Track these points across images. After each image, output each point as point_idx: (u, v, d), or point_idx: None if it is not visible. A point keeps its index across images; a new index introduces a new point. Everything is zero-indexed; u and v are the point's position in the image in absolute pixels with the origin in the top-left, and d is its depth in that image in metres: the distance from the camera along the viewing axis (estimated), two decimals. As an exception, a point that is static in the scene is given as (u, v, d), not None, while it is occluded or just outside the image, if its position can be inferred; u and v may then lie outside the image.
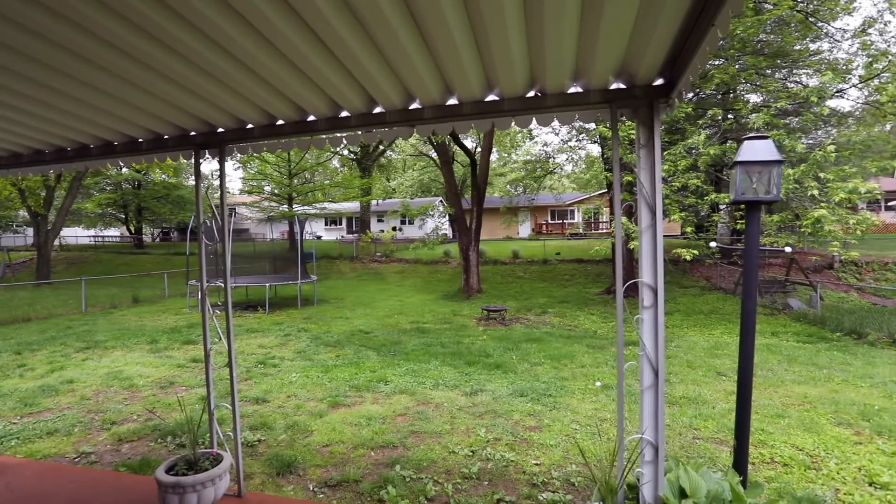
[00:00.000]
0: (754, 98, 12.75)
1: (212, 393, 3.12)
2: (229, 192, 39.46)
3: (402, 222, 36.29)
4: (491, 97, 2.61)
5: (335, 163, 35.04)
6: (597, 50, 2.04)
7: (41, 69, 2.20)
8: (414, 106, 2.70)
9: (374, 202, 34.91)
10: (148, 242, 35.24)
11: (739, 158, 2.72)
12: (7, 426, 4.63)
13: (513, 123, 2.68)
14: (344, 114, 2.82)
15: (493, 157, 19.96)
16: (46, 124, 2.98)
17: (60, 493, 3.19)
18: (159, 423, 4.62)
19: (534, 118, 2.63)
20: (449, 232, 33.46)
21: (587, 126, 14.63)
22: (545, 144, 20.53)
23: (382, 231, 31.38)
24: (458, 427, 4.45)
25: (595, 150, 21.42)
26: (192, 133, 3.11)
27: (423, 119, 2.71)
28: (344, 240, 30.59)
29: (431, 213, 18.34)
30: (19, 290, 17.87)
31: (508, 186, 29.16)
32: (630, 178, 10.77)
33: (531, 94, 2.55)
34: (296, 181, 25.94)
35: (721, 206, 12.92)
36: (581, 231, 31.31)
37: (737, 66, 10.67)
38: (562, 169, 23.94)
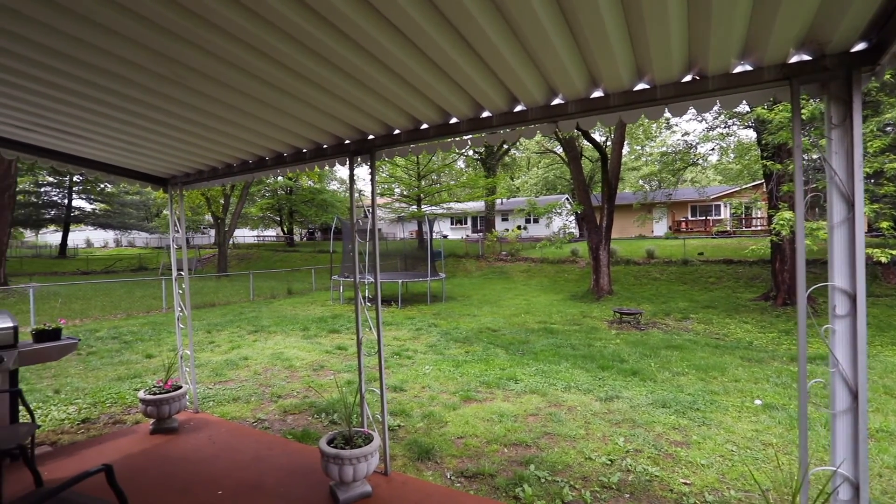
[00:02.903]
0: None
1: (363, 377, 3.42)
2: (364, 195, 43.11)
3: (527, 221, 35.96)
4: (641, 86, 2.44)
5: (460, 163, 36.08)
6: (776, 19, 1.78)
7: (230, 93, 2.64)
8: (556, 101, 2.65)
9: (498, 201, 35.19)
10: (297, 241, 40.11)
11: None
12: (206, 390, 5.65)
13: (666, 112, 2.47)
14: (485, 114, 2.88)
15: (625, 150, 18.67)
16: (235, 142, 3.56)
17: (247, 449, 3.81)
18: (314, 400, 5.23)
19: (691, 105, 2.40)
20: (576, 230, 32.25)
21: (738, 110, 12.90)
22: (685, 134, 18.51)
23: (507, 230, 31.47)
24: (594, 433, 4.26)
25: (747, 135, 18.80)
26: (347, 141, 3.46)
27: (566, 114, 2.64)
28: (469, 238, 31.36)
29: (558, 210, 17.81)
30: (207, 280, 21.68)
31: (641, 181, 27.04)
32: (776, 166, 9.19)
33: (687, 78, 2.32)
34: (423, 182, 27.31)
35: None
36: (729, 228, 27.72)
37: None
38: (705, 160, 21.48)
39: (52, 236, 42.47)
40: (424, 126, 3.08)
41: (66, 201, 35.87)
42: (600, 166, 16.35)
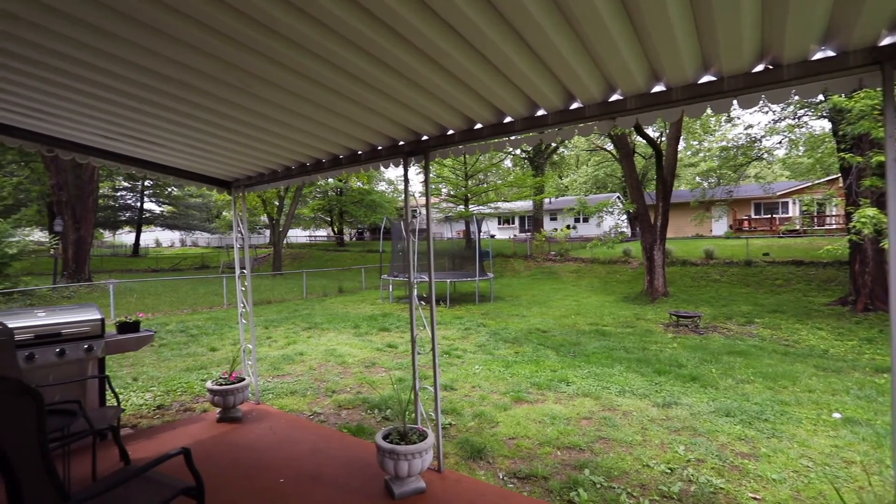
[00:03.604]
0: None
1: (417, 375, 3.47)
2: (413, 196, 43.68)
3: (577, 220, 35.16)
4: (706, 78, 2.33)
5: (507, 163, 35.80)
6: (865, -2, 1.65)
7: (291, 98, 2.75)
8: (615, 97, 2.58)
9: (546, 200, 34.62)
10: (347, 241, 41.25)
11: None
12: (265, 383, 5.93)
13: (735, 104, 2.35)
14: (540, 112, 2.84)
15: (680, 145, 17.79)
16: (294, 145, 3.71)
17: (305, 440, 3.97)
18: (367, 396, 5.36)
19: (763, 95, 2.26)
20: (628, 230, 31.18)
21: (810, 99, 11.97)
22: (748, 127, 17.38)
23: (556, 229, 30.90)
24: (651, 440, 4.10)
25: (820, 126, 17.44)
26: (401, 143, 3.52)
27: (625, 110, 2.56)
28: (517, 238, 31.07)
29: (609, 209, 17.26)
30: (263, 278, 22.72)
31: (699, 178, 25.71)
32: (857, 159, 8.40)
33: (759, 67, 2.19)
34: (470, 182, 27.31)
35: None
36: (799, 227, 25.82)
37: None
38: (771, 154, 20.12)
39: (126, 236, 45.98)
40: (478, 126, 3.09)
41: (138, 204, 38.78)
42: (654, 163, 15.71)
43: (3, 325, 3.25)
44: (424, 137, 3.35)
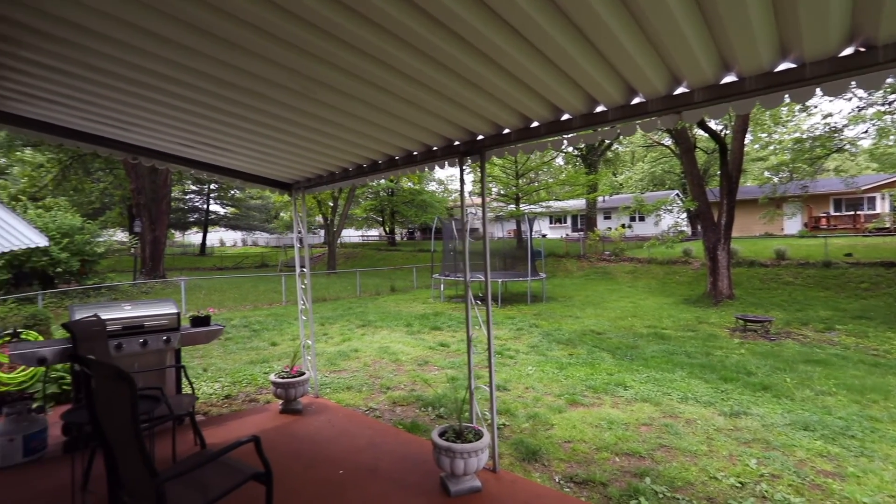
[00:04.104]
0: None
1: (472, 374, 3.48)
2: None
3: (632, 219, 33.88)
4: (784, 65, 2.17)
5: (559, 160, 35.10)
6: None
7: (350, 102, 2.83)
8: (680, 90, 2.46)
9: (600, 199, 33.61)
10: (398, 241, 41.95)
11: None
12: (323, 377, 6.16)
13: (818, 93, 2.17)
14: (600, 109, 2.76)
15: (747, 138, 16.63)
16: (352, 147, 3.82)
17: (362, 435, 4.08)
18: (421, 394, 5.43)
19: (853, 81, 2.08)
20: (688, 229, 29.65)
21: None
22: (827, 116, 15.95)
23: (610, 229, 29.92)
24: (718, 451, 3.88)
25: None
26: (456, 143, 3.53)
27: (691, 104, 2.44)
28: (569, 238, 30.38)
29: (669, 207, 16.46)
30: (318, 277, 23.57)
31: (768, 173, 23.93)
32: None
33: (848, 51, 2.02)
34: (521, 181, 27.01)
35: None
36: (889, 225, 23.46)
37: None
38: (855, 145, 18.41)
39: (194, 237, 49.19)
40: (535, 124, 3.04)
41: (205, 206, 41.42)
42: (718, 158, 14.83)
43: (97, 316, 3.58)
44: (480, 137, 3.35)
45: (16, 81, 2.77)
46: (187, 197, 40.76)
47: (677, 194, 30.28)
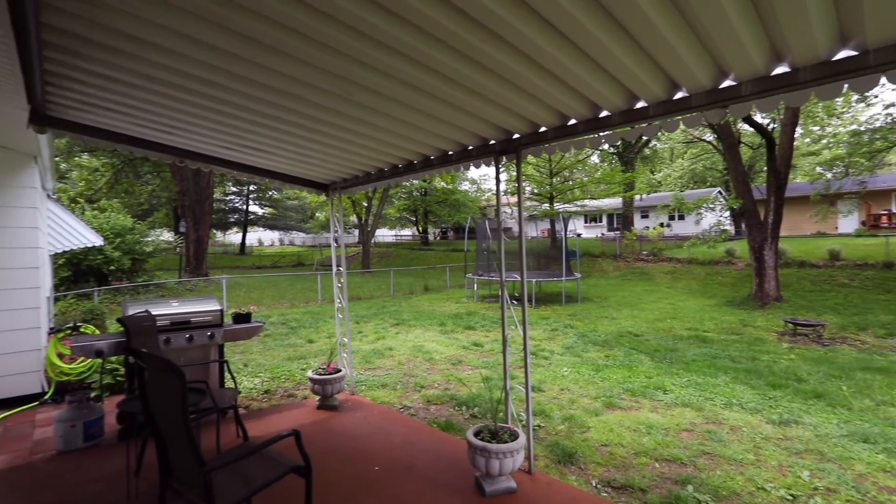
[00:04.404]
0: None
1: (508, 375, 3.45)
2: (493, 194, 43.50)
3: (671, 218, 32.81)
4: (844, 53, 2.05)
5: (594, 158, 34.38)
6: None
7: (387, 103, 2.86)
8: (727, 83, 2.36)
9: (637, 197, 32.74)
10: (431, 241, 42.18)
11: None
12: (359, 375, 6.26)
13: (882, 81, 2.04)
14: (640, 104, 2.68)
15: (797, 132, 15.72)
16: (388, 147, 3.86)
17: (397, 432, 4.13)
18: (454, 393, 5.44)
19: (925, 68, 1.93)
20: (731, 228, 28.46)
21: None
22: (889, 106, 14.88)
23: (648, 228, 29.08)
24: (766, 460, 3.70)
25: None
26: (492, 142, 3.51)
27: (739, 97, 2.33)
28: (605, 237, 29.74)
29: (711, 205, 15.82)
30: (352, 276, 23.99)
31: (820, 168, 22.60)
32: None
33: (919, 36, 1.88)
34: (555, 180, 26.62)
35: None
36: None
37: None
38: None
39: (234, 236, 51.00)
40: (573, 122, 2.99)
41: (244, 207, 42.88)
42: (765, 153, 14.15)
43: (148, 312, 3.76)
44: (516, 136, 3.32)
45: (76, 91, 2.95)
46: (228, 198, 42.32)
47: (719, 192, 29.12)
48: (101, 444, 3.85)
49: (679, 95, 2.54)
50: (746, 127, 16.15)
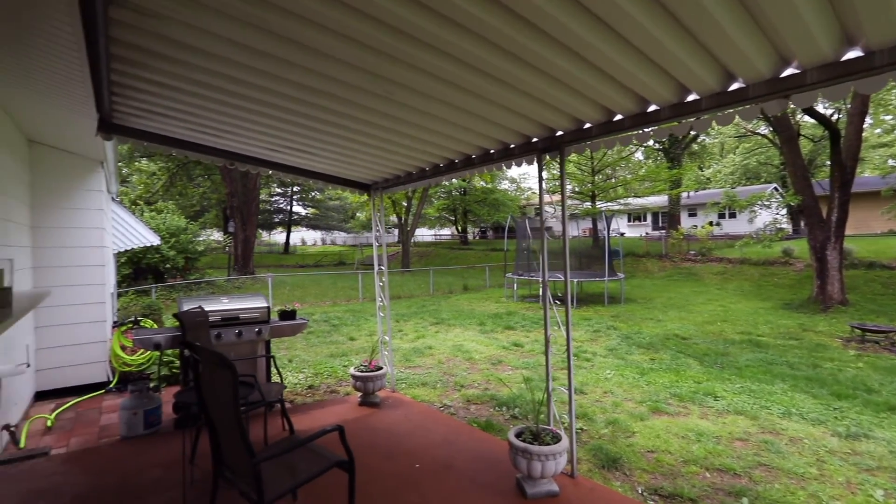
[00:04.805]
0: None
1: (550, 375, 3.39)
2: (534, 193, 42.81)
3: (721, 216, 31.31)
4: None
5: (638, 155, 33.29)
6: None
7: (429, 102, 2.87)
8: (789, 71, 2.21)
9: (684, 195, 31.42)
10: (471, 240, 42.12)
11: None
12: (399, 373, 6.33)
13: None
14: (691, 97, 2.56)
15: (865, 122, 14.57)
16: (430, 147, 3.87)
17: (437, 430, 4.14)
18: (495, 393, 5.40)
19: None
20: (789, 226, 26.83)
21: None
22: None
23: (696, 226, 27.86)
24: (832, 476, 3.46)
25: None
26: (535, 139, 3.46)
27: (803, 86, 2.18)
28: (649, 236, 28.73)
29: (766, 202, 14.95)
30: (392, 275, 24.28)
31: (892, 161, 20.90)
32: None
33: None
34: (597, 178, 25.96)
35: None
36: None
37: None
38: None
39: (278, 236, 52.80)
40: (618, 117, 2.90)
41: (288, 207, 44.32)
42: (828, 146, 13.24)
43: (201, 308, 3.95)
44: (559, 133, 3.25)
45: (137, 99, 3.13)
46: (273, 199, 43.86)
47: (775, 188, 27.50)
48: (159, 431, 4.08)
49: (735, 86, 2.40)
50: (807, 118, 15.14)
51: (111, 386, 5.29)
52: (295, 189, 41.50)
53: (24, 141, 4.73)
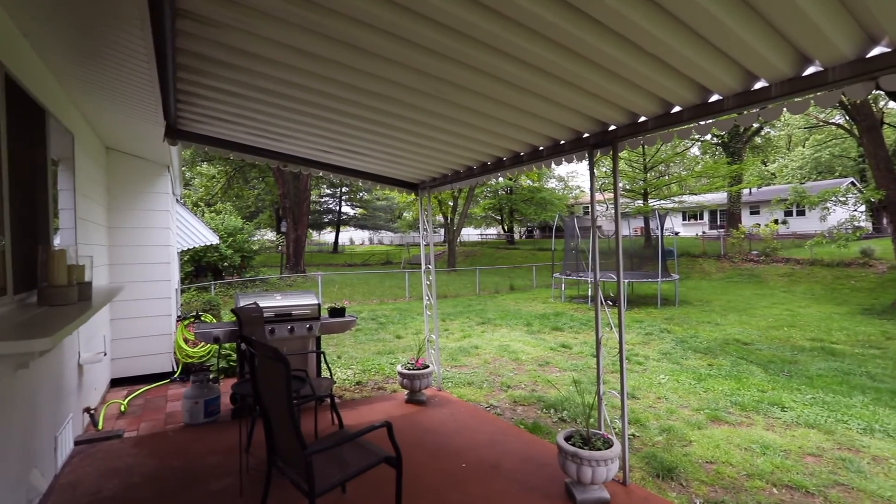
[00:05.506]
0: None
1: (601, 378, 3.28)
2: (582, 191, 41.74)
3: (788, 213, 29.23)
4: None
5: (694, 150, 31.69)
6: None
7: (478, 100, 2.84)
8: (877, 51, 2.00)
9: (745, 191, 29.61)
10: (517, 240, 41.68)
11: None
12: (445, 371, 6.34)
13: None
14: (759, 84, 2.38)
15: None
16: (478, 145, 3.84)
17: (483, 430, 4.10)
18: (542, 395, 5.29)
19: None
20: (868, 224, 24.66)
21: None
22: None
23: (759, 225, 26.18)
24: (921, 498, 3.13)
25: None
26: (586, 135, 3.35)
27: (891, 67, 1.97)
28: (706, 236, 27.30)
29: (841, 198, 13.80)
30: (438, 274, 24.43)
31: None
32: None
33: None
34: (650, 175, 24.95)
35: None
36: None
37: None
38: None
39: (328, 236, 54.43)
40: (676, 109, 2.75)
41: (337, 208, 45.61)
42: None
43: (257, 304, 4.12)
44: (612, 127, 3.13)
45: (200, 106, 3.30)
46: (322, 200, 45.29)
47: (852, 182, 25.35)
48: (217, 420, 4.30)
49: (810, 70, 2.21)
50: (892, 104, 13.84)
51: (175, 376, 5.64)
52: (344, 190, 42.65)
53: (103, 148, 5.13)
